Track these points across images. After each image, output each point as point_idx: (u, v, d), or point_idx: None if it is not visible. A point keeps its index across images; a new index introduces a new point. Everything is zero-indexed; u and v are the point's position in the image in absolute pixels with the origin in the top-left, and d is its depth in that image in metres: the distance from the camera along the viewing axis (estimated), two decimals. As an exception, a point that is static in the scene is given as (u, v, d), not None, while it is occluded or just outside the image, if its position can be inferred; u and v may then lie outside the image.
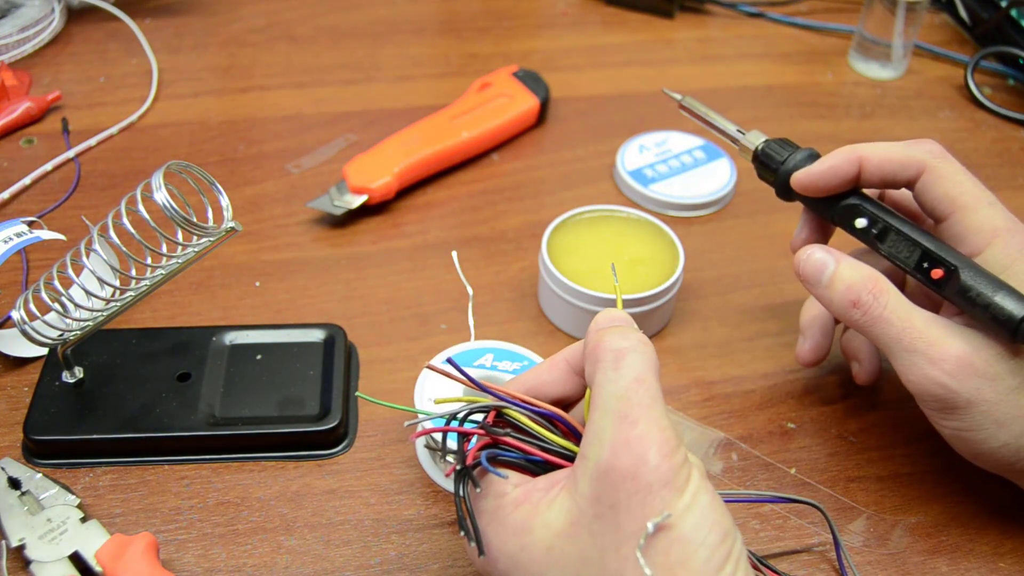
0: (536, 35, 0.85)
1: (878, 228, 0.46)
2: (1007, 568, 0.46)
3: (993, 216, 0.44)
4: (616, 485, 0.34)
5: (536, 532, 0.35)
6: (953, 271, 0.43)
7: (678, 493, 0.34)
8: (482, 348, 0.50)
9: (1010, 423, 0.42)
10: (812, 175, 0.47)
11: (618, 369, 0.36)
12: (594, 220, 0.59)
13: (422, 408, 0.47)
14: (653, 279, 0.55)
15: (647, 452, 0.34)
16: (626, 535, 0.33)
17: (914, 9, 0.76)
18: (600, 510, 0.34)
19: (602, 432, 0.35)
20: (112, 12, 0.80)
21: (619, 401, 0.35)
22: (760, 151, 0.50)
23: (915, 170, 0.45)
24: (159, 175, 0.42)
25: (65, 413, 0.49)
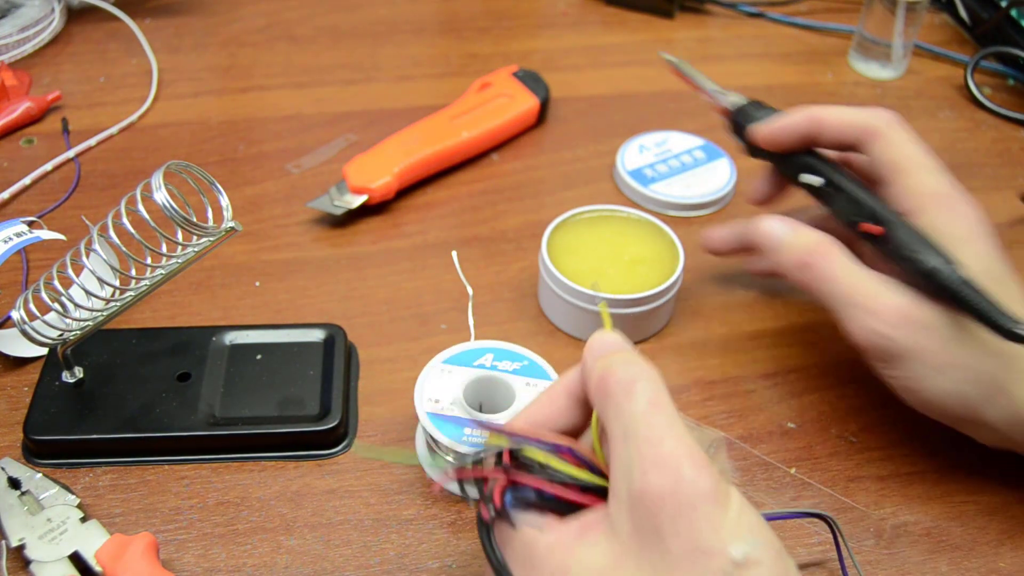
0: (536, 35, 0.85)
1: (826, 185, 0.50)
2: (1007, 568, 0.46)
3: (932, 182, 0.46)
4: (655, 509, 0.32)
5: (574, 569, 0.33)
6: (888, 228, 0.46)
7: (723, 509, 0.32)
8: (482, 348, 0.50)
9: (949, 371, 0.44)
10: (771, 129, 0.51)
11: (631, 397, 0.35)
12: (594, 220, 0.59)
13: (421, 408, 0.47)
14: (653, 279, 0.55)
15: (680, 467, 0.32)
16: (676, 558, 0.32)
17: (914, 9, 0.76)
18: (643, 540, 0.32)
19: (629, 460, 0.33)
20: (112, 12, 0.80)
21: (640, 426, 0.34)
22: (735, 110, 0.55)
23: (868, 134, 0.48)
24: (159, 175, 0.42)
25: (65, 413, 0.49)
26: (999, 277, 0.45)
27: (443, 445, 0.46)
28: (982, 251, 0.45)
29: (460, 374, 0.48)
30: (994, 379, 0.44)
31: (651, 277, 0.55)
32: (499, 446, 0.37)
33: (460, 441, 0.45)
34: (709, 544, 0.31)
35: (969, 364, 0.44)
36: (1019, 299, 0.45)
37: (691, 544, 0.31)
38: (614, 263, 0.56)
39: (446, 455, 0.47)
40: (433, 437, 0.46)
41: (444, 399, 0.47)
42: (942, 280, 0.43)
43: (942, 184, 0.47)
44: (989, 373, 0.44)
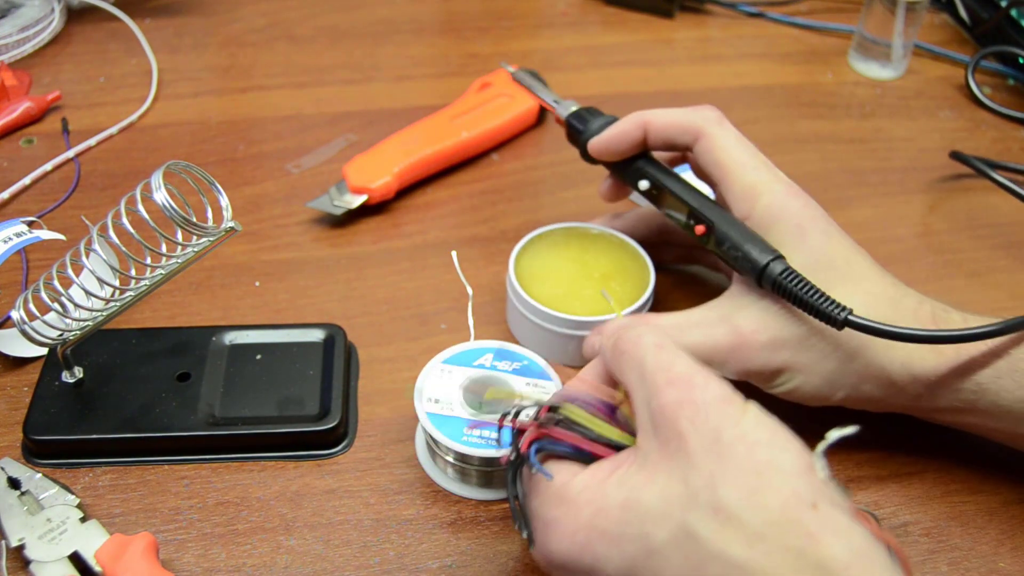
0: (536, 35, 0.85)
1: (657, 189, 0.51)
2: (1007, 568, 0.46)
3: (755, 178, 0.47)
4: (674, 418, 0.34)
5: (609, 495, 0.35)
6: (711, 226, 0.48)
7: (740, 409, 0.34)
8: (482, 348, 0.50)
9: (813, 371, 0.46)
10: (603, 141, 0.52)
11: (639, 346, 0.37)
12: (556, 240, 0.57)
13: (421, 408, 0.47)
14: (627, 294, 0.53)
15: (693, 378, 0.35)
16: (702, 453, 0.33)
17: (914, 9, 0.76)
18: (669, 451, 0.34)
19: (647, 392, 0.36)
20: (112, 12, 0.80)
21: (650, 363, 0.36)
22: (568, 118, 0.56)
23: (692, 136, 0.49)
24: (159, 175, 0.42)
25: (65, 413, 0.49)
26: (831, 263, 0.45)
27: (442, 445, 0.46)
28: (814, 240, 0.46)
29: (460, 374, 0.48)
30: (856, 357, 0.45)
31: (625, 292, 0.54)
32: (538, 401, 0.39)
33: (460, 441, 0.45)
34: (732, 435, 0.33)
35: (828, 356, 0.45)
36: (873, 275, 0.46)
37: (712, 438, 0.33)
38: (586, 282, 0.54)
39: (446, 455, 0.47)
40: (433, 437, 0.46)
41: (444, 399, 0.47)
42: (768, 275, 0.45)
43: (766, 179, 0.47)
44: (849, 354, 0.45)
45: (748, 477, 0.32)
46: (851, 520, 0.32)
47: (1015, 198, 0.65)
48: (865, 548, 0.31)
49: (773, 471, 0.32)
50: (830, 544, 0.31)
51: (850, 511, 0.32)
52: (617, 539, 0.34)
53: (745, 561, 0.31)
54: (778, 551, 0.31)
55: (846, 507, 0.32)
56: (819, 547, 0.31)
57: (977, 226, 0.66)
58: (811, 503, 0.32)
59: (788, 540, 0.31)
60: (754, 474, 0.32)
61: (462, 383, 0.48)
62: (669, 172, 0.52)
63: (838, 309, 0.43)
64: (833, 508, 0.32)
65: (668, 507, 0.33)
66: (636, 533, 0.34)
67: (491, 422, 0.41)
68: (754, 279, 0.46)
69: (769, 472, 0.32)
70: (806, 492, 0.32)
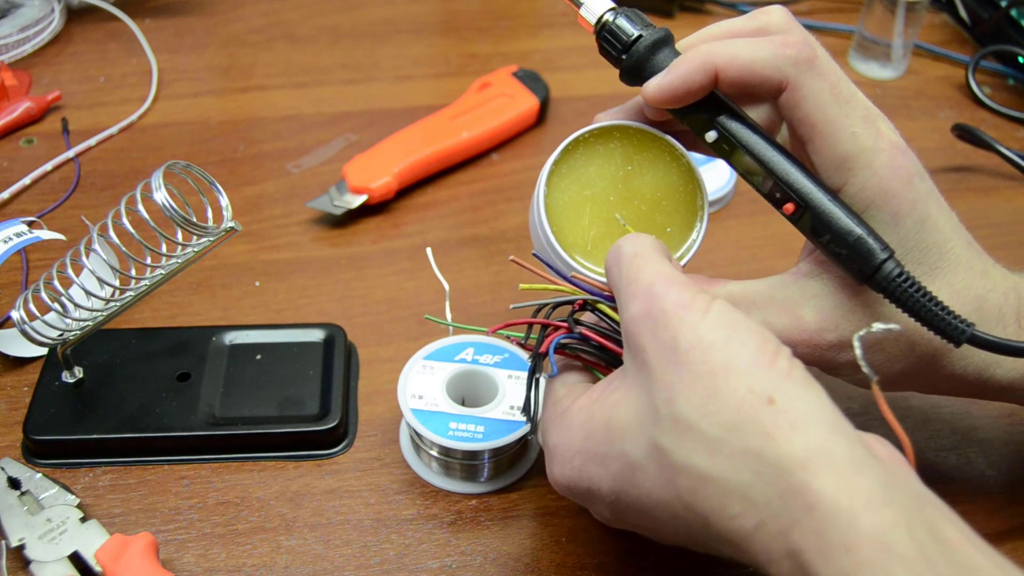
0: (536, 35, 0.85)
1: (729, 146, 0.41)
2: (1007, 568, 0.46)
3: (852, 150, 0.39)
4: (637, 332, 0.34)
5: (596, 416, 0.35)
6: (804, 208, 0.39)
7: (700, 312, 0.33)
8: (462, 343, 0.50)
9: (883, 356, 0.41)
10: (662, 90, 0.40)
11: (618, 260, 0.37)
12: (596, 153, 0.45)
13: (404, 404, 0.47)
14: (676, 231, 0.44)
15: (652, 288, 0.34)
16: (661, 364, 0.33)
17: (914, 9, 0.76)
18: (637, 366, 0.34)
19: (621, 307, 0.36)
20: (112, 12, 0.80)
21: (623, 274, 0.36)
22: (604, 26, 0.43)
23: (775, 84, 0.39)
24: (159, 175, 0.42)
25: (65, 413, 0.49)
26: (921, 257, 0.40)
27: (427, 440, 0.46)
28: (906, 230, 0.39)
29: (442, 370, 0.49)
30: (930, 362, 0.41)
31: (674, 226, 0.44)
32: (572, 298, 0.39)
33: (443, 435, 0.46)
34: (688, 342, 0.32)
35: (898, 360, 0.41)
36: (962, 266, 0.40)
37: (670, 348, 0.33)
38: (629, 214, 0.44)
39: (430, 449, 0.47)
40: (417, 432, 0.46)
41: (427, 395, 0.47)
42: (881, 279, 0.38)
43: (865, 147, 0.39)
44: (922, 359, 0.41)
45: (703, 382, 0.31)
46: (813, 406, 0.31)
47: (1017, 196, 0.65)
48: (825, 440, 0.30)
49: (727, 372, 0.31)
50: (787, 440, 0.30)
51: (815, 393, 0.31)
52: (603, 459, 0.35)
53: (708, 469, 0.31)
54: (738, 454, 0.30)
55: (810, 390, 0.31)
56: (776, 445, 0.30)
57: (977, 226, 0.65)
58: (767, 398, 0.30)
59: (746, 442, 0.30)
60: (708, 378, 0.31)
61: (446, 378, 0.49)
62: (748, 124, 0.40)
63: (962, 325, 0.37)
64: (791, 399, 0.31)
65: (639, 423, 0.33)
66: (618, 452, 0.34)
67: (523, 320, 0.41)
68: (859, 279, 0.39)
69: (723, 374, 0.31)
70: (762, 386, 0.31)
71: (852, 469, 0.29)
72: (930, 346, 0.40)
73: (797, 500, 0.29)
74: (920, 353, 0.41)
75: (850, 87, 0.40)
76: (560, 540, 0.46)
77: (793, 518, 0.29)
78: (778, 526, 0.29)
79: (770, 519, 0.30)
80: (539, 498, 0.48)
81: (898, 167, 0.39)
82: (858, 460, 0.30)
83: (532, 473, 0.49)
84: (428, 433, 0.46)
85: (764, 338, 0.32)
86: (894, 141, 0.40)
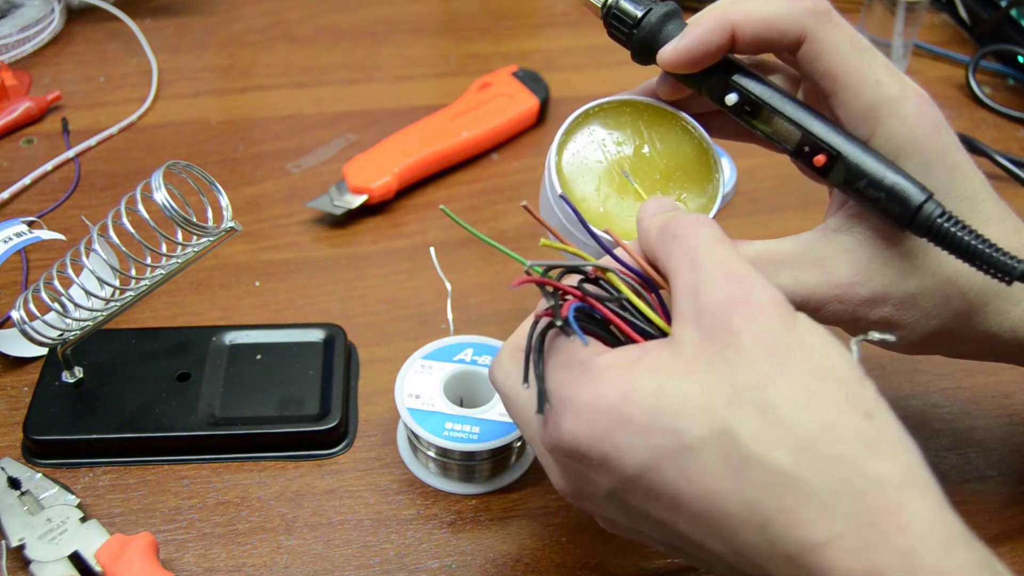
0: (536, 35, 0.85)
1: (751, 106, 0.40)
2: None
3: (878, 98, 0.39)
4: (728, 313, 0.31)
5: (639, 379, 0.31)
6: (836, 157, 0.38)
7: (794, 317, 0.32)
8: (461, 343, 0.50)
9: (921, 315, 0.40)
10: (680, 53, 0.40)
11: (697, 234, 0.34)
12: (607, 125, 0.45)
13: (402, 404, 0.47)
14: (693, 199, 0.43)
15: (752, 279, 0.32)
16: (755, 352, 0.30)
17: (914, 9, 0.76)
18: (715, 343, 0.31)
19: (698, 282, 0.32)
20: (112, 12, 0.80)
21: (707, 254, 0.33)
22: (612, 5, 0.43)
23: (795, 37, 0.39)
24: (159, 175, 0.42)
25: (65, 413, 0.49)
26: (972, 196, 0.39)
27: (423, 440, 0.46)
28: (938, 178, 0.39)
29: (440, 370, 0.49)
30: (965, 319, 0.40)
31: (689, 195, 0.43)
32: (588, 264, 0.36)
33: (441, 436, 0.46)
34: (788, 339, 0.31)
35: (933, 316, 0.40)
36: (995, 219, 0.40)
37: (768, 339, 0.31)
38: (642, 183, 0.43)
39: (427, 450, 0.47)
40: (414, 432, 0.46)
41: (424, 395, 0.47)
42: (923, 220, 0.37)
43: (891, 95, 0.39)
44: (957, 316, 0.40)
45: (803, 379, 0.30)
46: (906, 435, 0.30)
47: (1017, 195, 0.65)
48: (920, 468, 0.29)
49: (830, 375, 0.30)
50: (885, 457, 0.29)
51: (901, 425, 0.30)
52: (644, 429, 0.31)
53: (789, 468, 0.29)
54: (828, 460, 0.29)
55: (898, 421, 0.30)
56: (873, 460, 0.29)
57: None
58: (866, 412, 0.29)
59: (840, 448, 0.29)
60: (810, 376, 0.30)
61: (443, 378, 0.48)
62: (767, 83, 0.40)
63: (1013, 261, 0.36)
64: (889, 420, 0.30)
65: (709, 402, 0.30)
66: (667, 426, 0.30)
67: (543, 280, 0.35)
68: (900, 223, 0.37)
69: (825, 376, 0.30)
70: (862, 400, 0.30)
71: (943, 503, 0.29)
72: (965, 300, 0.39)
73: (889, 519, 0.28)
74: (955, 308, 0.39)
75: (866, 40, 0.40)
76: (560, 540, 0.46)
77: (879, 536, 0.28)
78: (858, 542, 0.28)
79: (849, 533, 0.28)
80: (539, 498, 0.48)
81: (926, 115, 0.39)
82: (943, 497, 0.29)
83: (532, 473, 0.49)
84: (424, 433, 0.46)
85: (852, 357, 0.32)
86: (918, 90, 0.40)
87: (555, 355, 0.34)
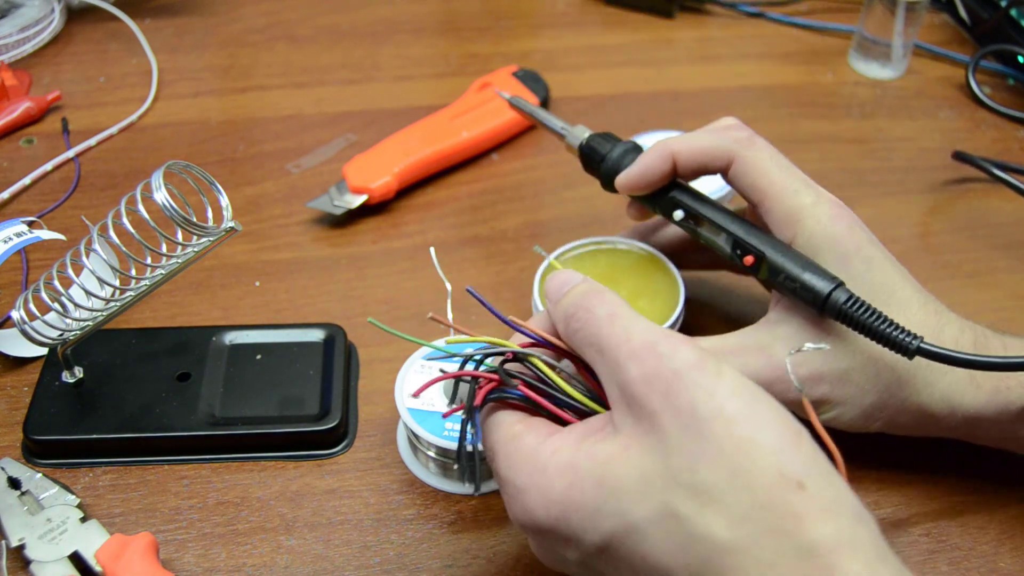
0: (536, 35, 0.85)
1: (694, 219, 0.49)
2: (1007, 568, 0.46)
3: (798, 205, 0.45)
4: (646, 393, 0.33)
5: (583, 467, 0.34)
6: (762, 256, 0.45)
7: (713, 374, 0.32)
8: (462, 343, 0.50)
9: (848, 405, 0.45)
10: (632, 177, 0.50)
11: (591, 319, 0.36)
12: (585, 256, 0.55)
13: (401, 404, 0.47)
14: (655, 313, 0.52)
15: (656, 347, 0.33)
16: (679, 432, 0.32)
17: (914, 9, 0.76)
18: (643, 427, 0.33)
19: (610, 367, 0.34)
20: (112, 12, 0.80)
21: (606, 335, 0.35)
22: (584, 146, 0.53)
23: (724, 160, 0.47)
24: (159, 175, 0.42)
25: (65, 413, 0.49)
26: (875, 293, 0.44)
27: (423, 440, 0.46)
28: (857, 269, 0.44)
29: (438, 370, 0.49)
30: (896, 391, 0.44)
31: (654, 308, 0.52)
32: (503, 349, 0.39)
33: (440, 436, 0.46)
34: (708, 410, 0.32)
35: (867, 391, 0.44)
36: (915, 304, 0.44)
37: (690, 415, 0.32)
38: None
39: (427, 449, 0.47)
40: (414, 432, 0.46)
41: (424, 395, 0.47)
42: (832, 305, 0.42)
43: (808, 202, 0.45)
44: (888, 389, 0.44)
45: (729, 457, 0.31)
46: (839, 494, 0.31)
47: (1016, 196, 0.65)
48: (853, 527, 0.31)
49: (755, 449, 0.31)
50: (817, 526, 0.30)
51: (838, 481, 0.32)
52: (593, 514, 0.33)
53: (730, 542, 0.31)
54: (764, 533, 0.30)
55: (833, 477, 0.32)
56: (805, 529, 0.30)
57: (977, 226, 0.66)
58: (797, 483, 0.31)
59: (774, 522, 0.30)
60: (735, 453, 0.31)
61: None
62: (706, 200, 0.49)
63: (910, 338, 0.41)
64: (820, 486, 0.31)
65: (647, 485, 0.32)
66: (614, 509, 0.33)
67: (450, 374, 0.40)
68: (815, 309, 0.43)
69: (751, 450, 0.31)
70: (792, 470, 0.31)
71: (876, 557, 0.30)
72: (894, 373, 0.44)
73: None
74: (886, 381, 0.44)
75: (786, 160, 0.47)
76: (560, 540, 0.46)
77: None
78: None
79: None
80: (539, 498, 0.48)
81: (840, 217, 0.45)
82: (880, 549, 0.31)
83: (532, 473, 0.49)
84: (424, 433, 0.46)
85: (783, 414, 0.33)
86: (831, 197, 0.46)
87: (501, 446, 0.37)
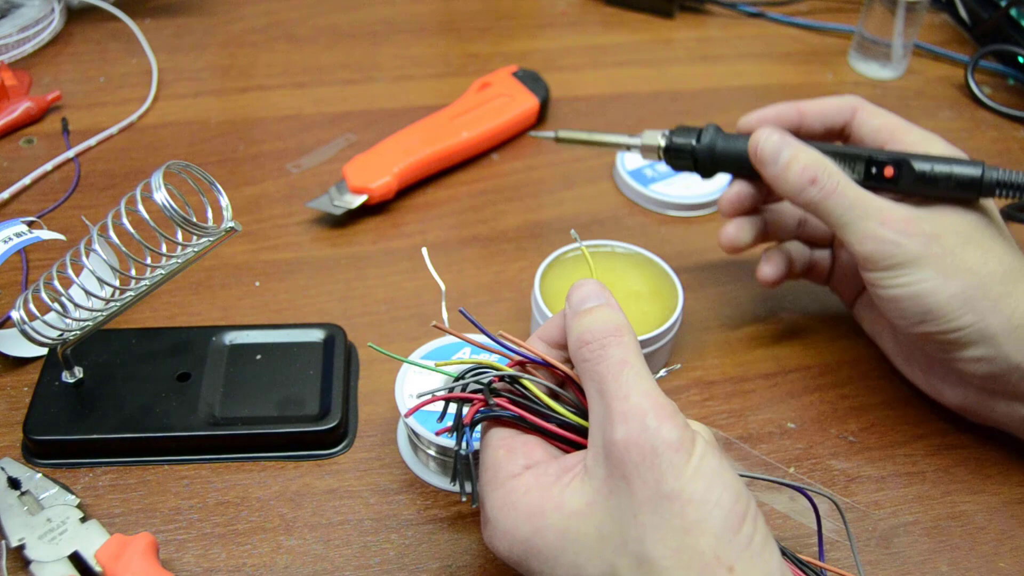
0: (536, 35, 0.85)
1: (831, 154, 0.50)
2: (1007, 568, 0.46)
3: (920, 134, 0.50)
4: (623, 458, 0.35)
5: (549, 516, 0.36)
6: (903, 163, 0.48)
7: (686, 456, 0.34)
8: (459, 343, 0.50)
9: (956, 276, 0.45)
10: (766, 116, 0.52)
11: (603, 360, 0.37)
12: (580, 260, 0.56)
13: (402, 404, 0.47)
14: (654, 315, 0.53)
15: (644, 419, 0.35)
16: (640, 501, 0.34)
17: (914, 9, 0.76)
18: (614, 486, 0.35)
19: (602, 414, 0.36)
20: (112, 12, 0.80)
21: (610, 384, 0.36)
22: (670, 144, 0.54)
23: (849, 111, 0.52)
24: (159, 175, 0.42)
25: (65, 413, 0.49)
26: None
27: (424, 439, 0.46)
28: None
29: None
30: (1002, 284, 0.45)
31: (652, 313, 0.53)
32: (492, 369, 0.40)
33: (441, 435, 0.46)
34: (671, 489, 0.34)
35: (976, 269, 0.45)
36: None
37: (654, 490, 0.34)
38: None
39: (427, 448, 0.47)
40: (414, 432, 0.47)
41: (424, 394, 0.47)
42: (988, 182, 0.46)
43: (920, 132, 0.50)
44: (996, 277, 0.46)
45: (676, 536, 0.33)
46: (770, 572, 0.34)
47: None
48: None
49: (701, 531, 0.33)
50: None
51: (768, 564, 0.34)
52: (551, 561, 0.36)
53: None
54: None
55: (763, 559, 0.34)
56: None
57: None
58: (728, 566, 0.33)
59: None
60: (682, 533, 0.33)
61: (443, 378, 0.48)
62: (821, 144, 0.51)
63: None
64: (750, 568, 0.33)
65: (602, 545, 0.35)
66: (571, 561, 0.35)
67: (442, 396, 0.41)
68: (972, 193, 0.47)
69: (697, 532, 0.33)
70: (727, 555, 0.33)
71: None
72: None
73: None
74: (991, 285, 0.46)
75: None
76: (560, 540, 0.46)
77: None
78: None
79: None
80: (539, 498, 0.48)
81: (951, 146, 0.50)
82: None
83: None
84: (424, 432, 0.46)
85: (737, 496, 0.34)
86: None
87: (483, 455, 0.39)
